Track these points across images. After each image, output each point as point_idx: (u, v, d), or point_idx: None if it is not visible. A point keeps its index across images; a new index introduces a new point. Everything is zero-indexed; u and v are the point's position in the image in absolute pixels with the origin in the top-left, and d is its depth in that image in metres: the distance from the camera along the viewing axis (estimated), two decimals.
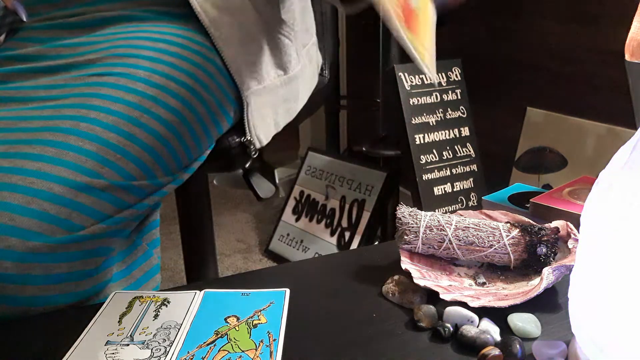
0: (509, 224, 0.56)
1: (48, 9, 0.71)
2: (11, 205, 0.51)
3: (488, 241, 0.55)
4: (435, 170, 1.50)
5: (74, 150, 0.55)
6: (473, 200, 1.55)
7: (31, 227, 0.51)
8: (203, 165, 0.71)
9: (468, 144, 1.56)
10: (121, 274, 0.60)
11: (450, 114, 1.53)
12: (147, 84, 0.62)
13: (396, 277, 0.54)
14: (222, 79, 0.70)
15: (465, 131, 1.55)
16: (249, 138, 0.74)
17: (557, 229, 0.56)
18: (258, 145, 0.76)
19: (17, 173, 0.52)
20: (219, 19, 0.70)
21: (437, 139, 1.51)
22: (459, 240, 0.55)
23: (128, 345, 0.46)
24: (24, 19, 0.66)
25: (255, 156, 0.76)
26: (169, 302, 0.52)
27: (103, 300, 0.53)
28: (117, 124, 0.58)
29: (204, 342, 0.46)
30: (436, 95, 1.51)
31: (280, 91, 0.78)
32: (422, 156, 1.48)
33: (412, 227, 0.56)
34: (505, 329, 0.47)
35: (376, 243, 1.74)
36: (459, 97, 1.55)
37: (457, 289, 0.53)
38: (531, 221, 0.58)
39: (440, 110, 1.52)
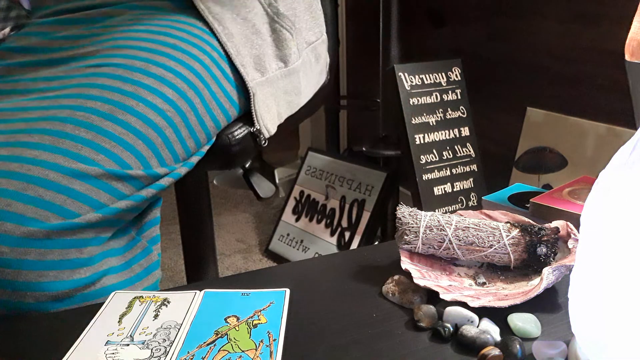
0: (509, 224, 0.56)
1: (54, 2, 0.73)
2: (7, 191, 0.52)
3: (488, 241, 0.55)
4: (435, 170, 1.50)
5: (70, 138, 0.56)
6: (473, 200, 1.55)
7: (26, 213, 0.52)
8: (203, 162, 0.71)
9: (468, 144, 1.55)
10: (120, 267, 0.61)
11: (450, 114, 1.53)
12: (143, 73, 0.63)
13: (396, 277, 0.54)
14: (220, 73, 0.71)
15: (465, 131, 1.55)
16: (257, 127, 0.75)
17: (557, 229, 0.56)
18: (267, 135, 0.77)
19: (14, 161, 0.54)
20: (222, 14, 0.71)
21: (437, 139, 1.51)
22: (459, 240, 0.55)
23: (128, 345, 0.46)
24: (27, 7, 0.67)
25: (264, 145, 0.77)
26: (169, 302, 0.52)
27: (103, 299, 0.53)
28: (113, 113, 0.60)
29: (204, 342, 0.46)
30: (436, 95, 1.51)
31: (280, 83, 0.79)
32: (422, 156, 1.48)
33: (412, 227, 0.56)
34: (505, 329, 0.47)
35: (376, 243, 1.73)
36: (459, 97, 1.55)
37: (457, 289, 0.53)
38: (531, 221, 0.58)
39: (440, 110, 1.52)
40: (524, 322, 0.47)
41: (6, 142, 0.56)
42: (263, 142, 0.77)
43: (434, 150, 1.50)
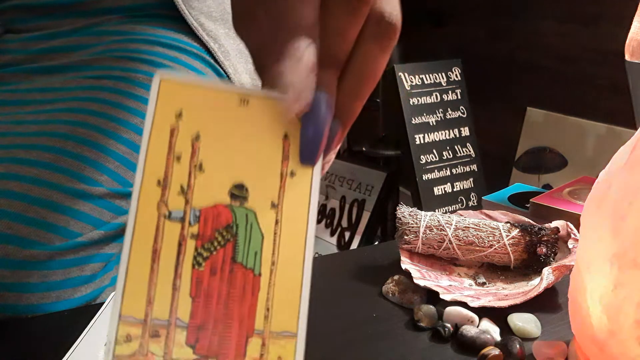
0: (509, 224, 0.56)
1: (28, 15, 0.69)
2: (8, 212, 0.50)
3: (488, 241, 0.55)
4: (435, 170, 1.50)
5: (72, 156, 0.54)
6: (473, 200, 1.55)
7: (29, 236, 0.50)
8: None
9: (468, 144, 1.55)
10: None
11: (450, 114, 1.53)
12: (146, 89, 0.60)
13: (396, 277, 0.54)
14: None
15: (465, 131, 1.55)
16: None
17: (557, 229, 0.56)
18: None
19: (13, 179, 0.52)
20: (215, 30, 0.69)
21: (437, 139, 1.51)
22: (459, 240, 0.55)
23: None
24: None
25: None
26: None
27: (103, 300, 0.53)
28: (117, 131, 0.57)
29: None
30: (436, 95, 1.51)
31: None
32: (422, 156, 1.48)
33: (412, 227, 0.56)
34: (505, 329, 0.47)
35: (376, 243, 1.73)
36: (459, 97, 1.55)
37: (457, 289, 0.53)
38: (531, 221, 0.58)
39: (440, 110, 1.52)
40: (524, 322, 0.47)
41: (2, 158, 0.53)
42: None
43: (434, 150, 1.50)
